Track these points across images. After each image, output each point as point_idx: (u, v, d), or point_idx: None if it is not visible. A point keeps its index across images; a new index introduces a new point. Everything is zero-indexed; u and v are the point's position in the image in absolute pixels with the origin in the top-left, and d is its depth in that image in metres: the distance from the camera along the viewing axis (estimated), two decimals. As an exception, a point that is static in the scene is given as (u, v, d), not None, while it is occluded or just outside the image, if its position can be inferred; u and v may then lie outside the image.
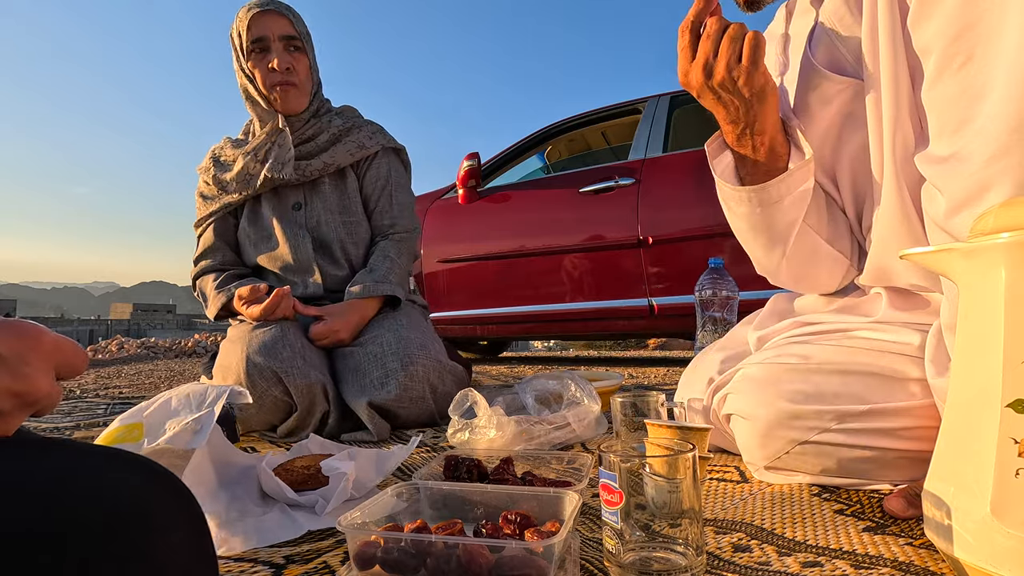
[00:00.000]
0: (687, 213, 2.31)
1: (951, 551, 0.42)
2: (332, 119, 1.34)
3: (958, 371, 0.44)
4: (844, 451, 0.64)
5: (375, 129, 1.38)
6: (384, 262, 1.29)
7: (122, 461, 0.29)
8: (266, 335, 1.09)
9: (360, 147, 1.33)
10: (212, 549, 0.31)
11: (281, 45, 1.23)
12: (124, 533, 0.25)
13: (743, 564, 0.49)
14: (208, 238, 1.33)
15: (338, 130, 1.33)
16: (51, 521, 0.23)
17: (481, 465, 0.66)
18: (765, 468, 0.70)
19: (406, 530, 0.45)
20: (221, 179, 1.31)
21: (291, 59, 1.23)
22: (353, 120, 1.37)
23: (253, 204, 1.33)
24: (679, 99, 2.59)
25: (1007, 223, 0.40)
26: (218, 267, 1.32)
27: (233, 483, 0.67)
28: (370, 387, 1.09)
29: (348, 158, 1.32)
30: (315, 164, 1.29)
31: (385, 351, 1.12)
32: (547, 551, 0.41)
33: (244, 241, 1.33)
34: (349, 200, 1.33)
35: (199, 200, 1.35)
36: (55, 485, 0.25)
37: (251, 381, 1.04)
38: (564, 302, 2.60)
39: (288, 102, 1.26)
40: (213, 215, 1.33)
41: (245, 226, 1.32)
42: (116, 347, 4.71)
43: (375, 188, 1.35)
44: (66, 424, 1.27)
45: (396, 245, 1.33)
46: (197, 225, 1.35)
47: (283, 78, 1.23)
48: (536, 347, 12.51)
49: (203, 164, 1.36)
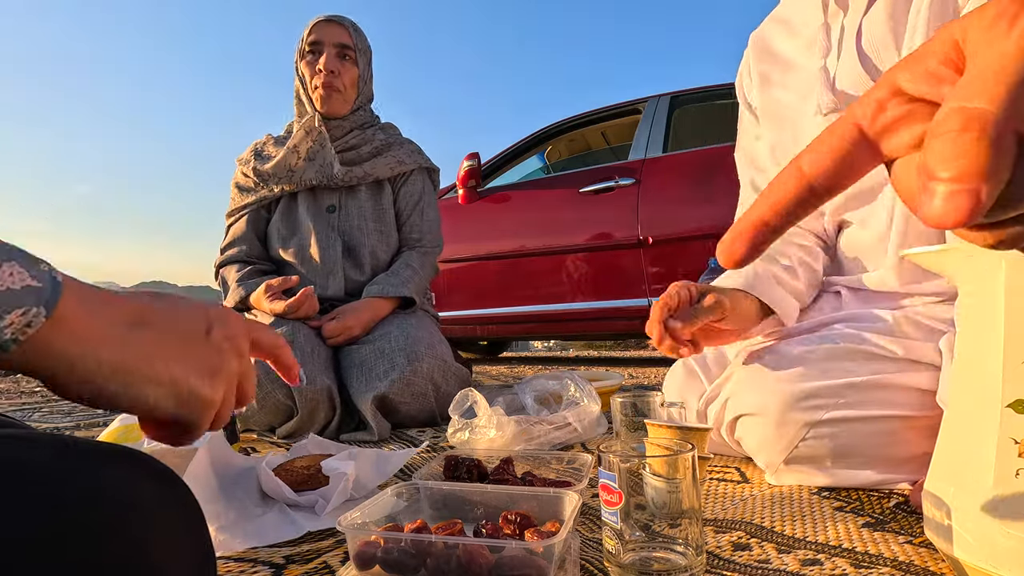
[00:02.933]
0: (687, 213, 2.31)
1: (951, 551, 0.42)
2: (376, 133, 1.41)
3: (958, 371, 0.44)
4: (858, 425, 0.64)
5: (414, 148, 1.45)
6: (406, 269, 1.33)
7: (123, 459, 0.29)
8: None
9: (400, 163, 1.40)
10: (211, 549, 0.31)
11: (334, 51, 1.30)
12: (124, 533, 0.25)
13: (743, 562, 0.49)
14: (239, 228, 1.35)
15: (381, 144, 1.39)
16: (50, 521, 0.23)
17: (481, 465, 0.66)
18: (784, 463, 0.69)
19: (406, 530, 0.45)
20: (261, 171, 1.34)
21: (339, 65, 1.29)
22: (395, 137, 1.44)
23: (289, 201, 1.36)
24: (679, 99, 2.59)
25: (1007, 223, 0.40)
26: (243, 258, 1.34)
27: (233, 483, 0.67)
28: (375, 380, 1.10)
29: (387, 171, 1.38)
30: (356, 172, 1.34)
31: (393, 347, 1.14)
32: (547, 551, 0.41)
33: (274, 235, 1.36)
34: (383, 211, 1.39)
35: (235, 191, 1.39)
36: (54, 484, 0.25)
37: (256, 381, 1.04)
38: (564, 302, 2.60)
39: (328, 104, 1.30)
40: (248, 207, 1.36)
41: (278, 220, 1.35)
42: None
43: (408, 203, 1.42)
44: (66, 424, 1.27)
45: (420, 257, 1.38)
46: (230, 215, 1.38)
47: (327, 79, 1.28)
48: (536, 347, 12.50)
49: (244, 156, 1.40)
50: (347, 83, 1.31)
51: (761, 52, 0.86)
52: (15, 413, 1.44)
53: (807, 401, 0.66)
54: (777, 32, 0.85)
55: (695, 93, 2.60)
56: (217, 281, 1.36)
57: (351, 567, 0.44)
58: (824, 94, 0.72)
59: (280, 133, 1.44)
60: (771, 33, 0.86)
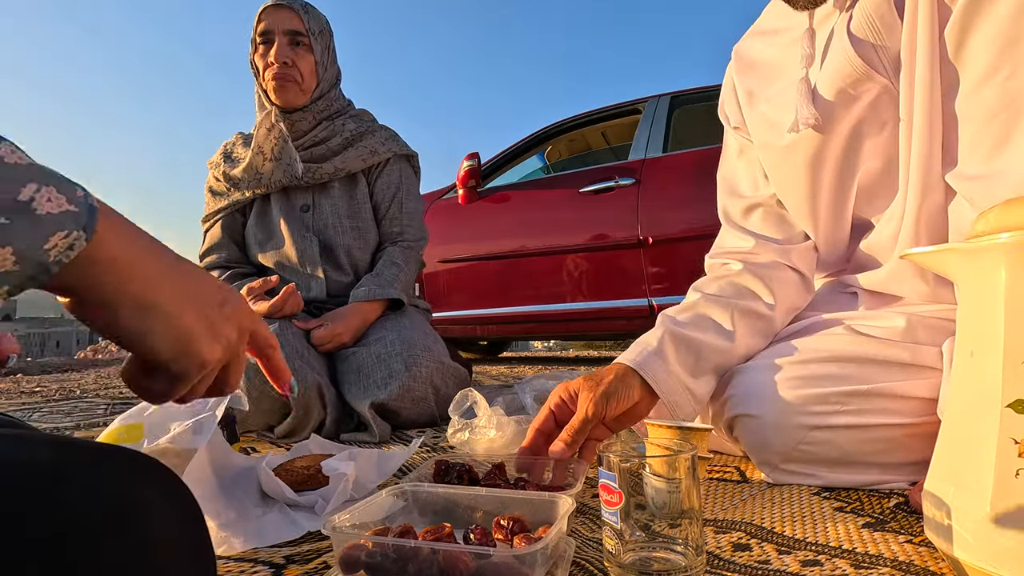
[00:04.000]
0: (687, 213, 2.31)
1: (951, 551, 0.42)
2: (346, 122, 1.32)
3: (958, 371, 0.44)
4: (857, 432, 0.64)
5: (388, 135, 1.37)
6: (391, 268, 1.29)
7: (123, 459, 0.29)
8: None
9: (372, 153, 1.32)
10: (211, 548, 0.31)
11: (286, 39, 1.21)
12: (124, 533, 0.25)
13: (743, 563, 0.49)
14: (215, 234, 1.32)
15: (351, 134, 1.31)
16: (50, 521, 0.23)
17: (472, 471, 0.66)
18: (782, 465, 0.69)
19: (390, 534, 0.45)
20: (231, 175, 1.29)
21: (292, 54, 1.21)
22: (367, 125, 1.35)
23: (262, 203, 1.32)
24: (679, 99, 2.59)
25: (1007, 223, 0.40)
26: (223, 264, 1.32)
27: (233, 484, 0.67)
28: (373, 388, 1.09)
29: (360, 164, 1.31)
30: (326, 168, 1.27)
31: (389, 352, 1.12)
32: (531, 558, 0.41)
33: (250, 240, 1.32)
34: (359, 206, 1.32)
35: (208, 195, 1.35)
36: (54, 484, 0.25)
37: (247, 379, 1.04)
38: (564, 302, 2.60)
39: (283, 96, 1.23)
40: (221, 211, 1.32)
41: (252, 224, 1.32)
42: (116, 347, 4.70)
43: (386, 195, 1.35)
44: (66, 424, 1.27)
45: (404, 252, 1.33)
46: (205, 220, 1.35)
47: (279, 71, 1.20)
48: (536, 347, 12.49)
49: (213, 159, 1.35)
50: (304, 72, 1.22)
51: (744, 67, 0.83)
52: (15, 413, 1.44)
53: (806, 407, 0.65)
54: (758, 43, 0.82)
55: (695, 93, 2.60)
56: None
57: (337, 570, 0.44)
58: (803, 107, 0.69)
59: (249, 131, 1.36)
60: (752, 45, 0.83)
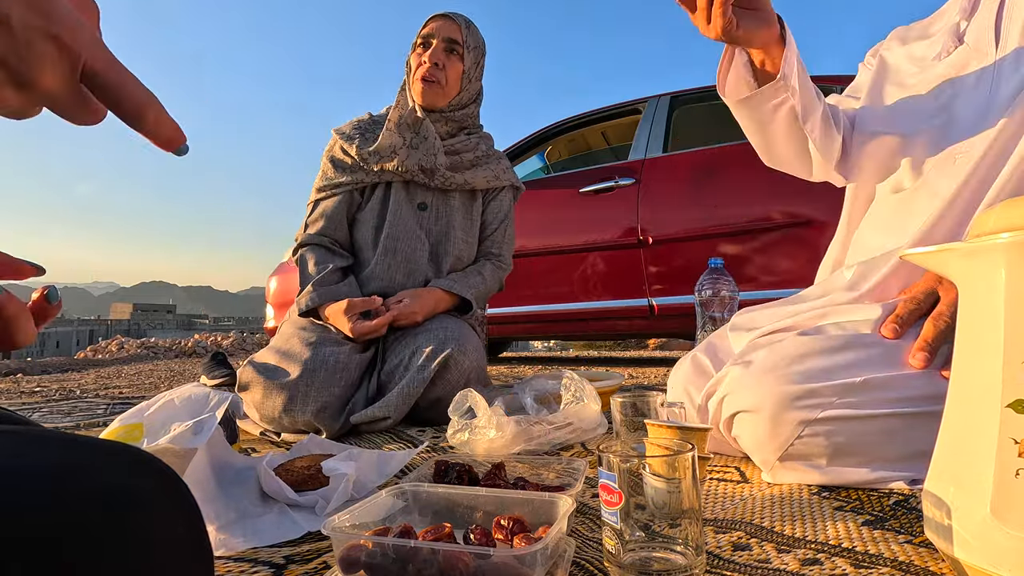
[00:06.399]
0: (687, 213, 2.31)
1: (951, 551, 0.42)
2: (479, 143, 1.42)
3: (958, 371, 0.44)
4: (854, 424, 0.64)
5: (507, 165, 1.48)
6: (476, 276, 1.37)
7: (123, 457, 0.29)
8: (339, 355, 1.14)
9: (495, 178, 1.42)
10: (210, 548, 0.31)
11: (442, 45, 1.30)
12: (124, 532, 0.25)
13: (743, 562, 0.49)
14: (330, 207, 1.34)
15: (482, 154, 1.41)
16: (50, 519, 0.23)
17: (471, 471, 0.66)
18: (779, 461, 0.69)
19: (390, 534, 0.45)
20: (363, 152, 1.32)
21: (444, 58, 1.30)
22: (492, 150, 1.46)
23: (384, 191, 1.36)
24: (679, 99, 2.59)
25: (1007, 223, 0.40)
26: (328, 245, 1.34)
27: (233, 483, 0.67)
28: (422, 358, 1.13)
29: (484, 184, 1.41)
30: (456, 178, 1.36)
31: (448, 335, 1.17)
32: (530, 558, 0.41)
33: (365, 223, 1.35)
34: (472, 222, 1.41)
35: (328, 165, 1.37)
36: (55, 481, 0.25)
37: (298, 387, 1.07)
38: (564, 302, 2.60)
39: (426, 95, 1.30)
40: (343, 186, 1.35)
41: (370, 209, 1.35)
42: (116, 347, 4.71)
43: (495, 218, 1.45)
44: (66, 424, 1.27)
45: (493, 270, 1.42)
46: (321, 189, 1.36)
47: (428, 70, 1.29)
48: (536, 347, 12.49)
49: (344, 129, 1.38)
50: (450, 77, 1.31)
51: (898, 40, 0.95)
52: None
53: (803, 400, 0.66)
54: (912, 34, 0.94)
55: (695, 93, 2.60)
56: (294, 257, 1.35)
57: (337, 570, 0.44)
58: (950, 42, 0.81)
59: (378, 112, 1.43)
60: (906, 34, 0.94)
